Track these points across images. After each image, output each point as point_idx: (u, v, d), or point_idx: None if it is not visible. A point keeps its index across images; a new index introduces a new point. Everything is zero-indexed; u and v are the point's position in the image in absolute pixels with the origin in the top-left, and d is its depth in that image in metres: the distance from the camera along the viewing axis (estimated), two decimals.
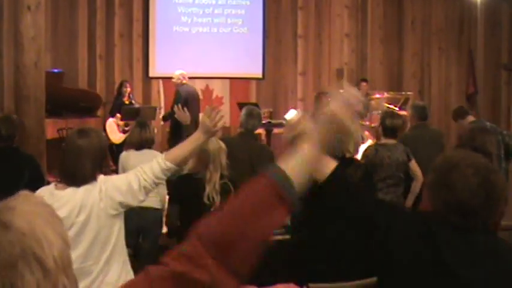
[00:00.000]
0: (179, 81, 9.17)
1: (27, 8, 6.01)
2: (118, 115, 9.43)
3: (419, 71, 12.27)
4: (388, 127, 5.38)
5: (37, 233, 1.16)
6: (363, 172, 4.55)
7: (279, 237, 6.19)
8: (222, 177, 4.08)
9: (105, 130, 9.30)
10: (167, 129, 10.07)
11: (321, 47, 12.06)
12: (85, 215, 2.77)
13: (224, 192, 4.04)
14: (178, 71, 9.38)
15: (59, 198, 2.75)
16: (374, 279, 2.93)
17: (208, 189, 3.99)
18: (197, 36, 11.41)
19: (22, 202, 1.21)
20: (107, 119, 9.79)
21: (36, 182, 4.60)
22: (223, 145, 4.16)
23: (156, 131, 10.62)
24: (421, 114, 6.12)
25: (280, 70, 11.96)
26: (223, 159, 4.09)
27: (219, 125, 2.97)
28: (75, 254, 2.65)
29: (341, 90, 1.56)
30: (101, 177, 2.87)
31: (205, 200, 3.96)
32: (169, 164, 2.88)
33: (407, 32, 12.18)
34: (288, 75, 11.97)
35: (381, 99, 10.35)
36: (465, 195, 1.96)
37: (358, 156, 6.16)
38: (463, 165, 1.99)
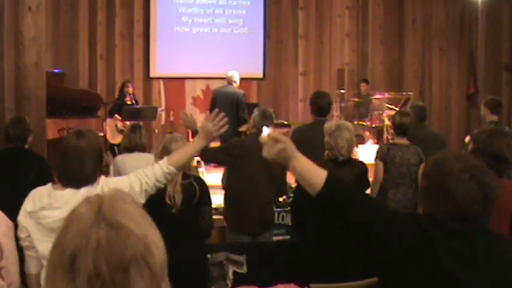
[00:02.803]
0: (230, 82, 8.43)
1: (28, 9, 6.01)
2: (116, 116, 9.33)
3: (420, 72, 12.26)
4: (397, 125, 5.46)
5: (147, 236, 1.11)
6: (360, 170, 4.53)
7: (280, 237, 6.20)
8: (187, 176, 4.02)
9: (103, 130, 9.24)
10: (169, 130, 10.03)
11: (322, 47, 12.06)
12: None
13: (188, 192, 3.99)
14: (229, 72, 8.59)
15: (58, 197, 2.73)
16: (374, 279, 2.93)
17: (169, 189, 3.89)
18: (198, 36, 11.41)
19: (123, 202, 1.15)
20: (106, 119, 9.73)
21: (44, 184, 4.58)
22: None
23: (157, 131, 10.67)
24: (419, 114, 6.05)
25: (280, 70, 11.96)
26: None
27: (222, 130, 2.99)
28: None
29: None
30: (103, 178, 2.86)
31: (167, 200, 3.90)
32: (171, 168, 2.91)
33: (408, 33, 12.17)
34: (288, 76, 11.97)
35: (382, 99, 10.35)
36: (464, 202, 1.94)
37: (360, 157, 6.17)
38: (458, 170, 1.97)
